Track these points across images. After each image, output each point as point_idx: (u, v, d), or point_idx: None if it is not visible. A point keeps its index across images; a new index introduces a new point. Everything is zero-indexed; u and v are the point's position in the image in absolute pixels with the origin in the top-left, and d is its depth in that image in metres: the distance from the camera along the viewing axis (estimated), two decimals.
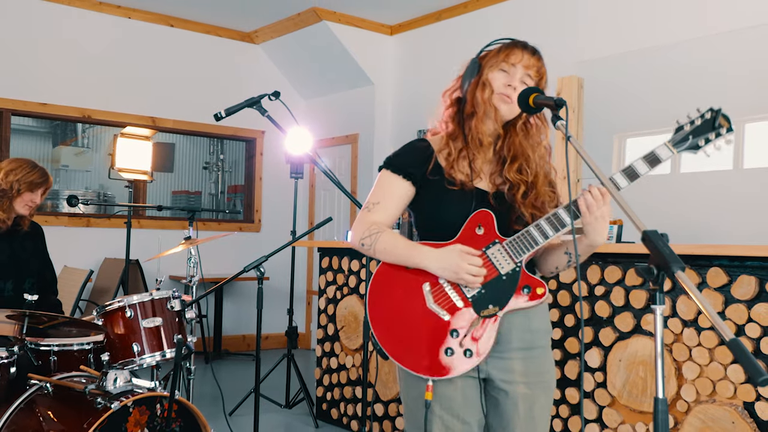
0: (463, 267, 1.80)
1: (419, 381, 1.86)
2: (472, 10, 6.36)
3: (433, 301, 1.85)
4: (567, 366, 3.41)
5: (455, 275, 1.81)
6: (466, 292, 1.85)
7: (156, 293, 3.16)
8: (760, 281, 2.78)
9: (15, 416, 2.76)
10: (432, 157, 1.93)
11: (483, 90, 1.89)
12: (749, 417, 2.77)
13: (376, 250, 1.89)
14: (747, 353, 1.15)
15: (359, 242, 1.92)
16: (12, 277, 3.54)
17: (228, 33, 7.53)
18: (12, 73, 6.38)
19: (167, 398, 2.80)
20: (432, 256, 1.84)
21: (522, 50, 1.90)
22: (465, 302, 1.85)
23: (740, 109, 4.69)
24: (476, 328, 1.84)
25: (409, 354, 1.86)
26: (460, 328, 1.84)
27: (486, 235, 1.86)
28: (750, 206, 4.33)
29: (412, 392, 1.92)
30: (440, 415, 1.86)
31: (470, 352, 1.83)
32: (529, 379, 1.90)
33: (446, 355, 1.83)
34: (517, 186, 1.91)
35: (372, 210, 1.94)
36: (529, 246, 1.82)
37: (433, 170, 1.91)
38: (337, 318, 4.59)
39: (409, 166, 1.93)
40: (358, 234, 1.92)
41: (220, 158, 8.52)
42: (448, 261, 1.81)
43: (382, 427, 4.26)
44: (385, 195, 1.95)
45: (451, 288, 1.85)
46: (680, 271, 1.28)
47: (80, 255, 6.44)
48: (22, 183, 3.47)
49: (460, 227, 1.87)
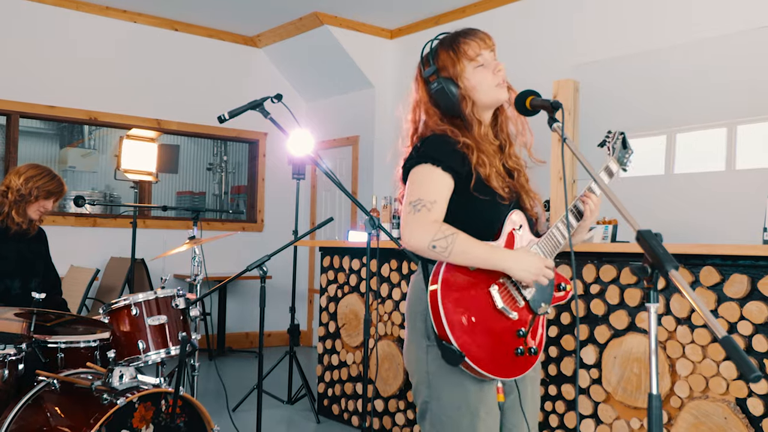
0: (543, 270, 1.82)
1: (474, 386, 1.82)
2: (470, 15, 6.36)
3: (502, 302, 1.83)
4: (563, 363, 3.41)
5: (536, 277, 1.82)
6: (525, 292, 1.87)
7: (161, 292, 3.16)
8: (752, 280, 2.78)
9: (23, 412, 2.76)
10: (467, 156, 1.87)
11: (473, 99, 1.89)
12: (741, 412, 2.77)
13: (453, 252, 1.77)
14: (739, 350, 1.15)
15: (430, 244, 1.77)
16: (19, 276, 3.56)
17: (231, 37, 7.53)
18: (20, 76, 6.39)
19: (172, 394, 2.80)
20: (513, 259, 1.81)
21: (471, 39, 1.91)
22: (524, 302, 1.87)
23: (732, 111, 4.69)
24: (533, 326, 1.88)
25: (486, 358, 1.79)
26: (525, 327, 1.86)
27: (525, 235, 1.91)
28: (742, 206, 4.32)
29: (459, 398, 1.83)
30: (484, 419, 1.84)
31: (534, 349, 1.86)
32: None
33: (516, 355, 1.83)
34: (518, 171, 1.96)
35: (432, 210, 1.81)
36: (556, 246, 1.90)
37: (473, 173, 1.86)
38: (338, 316, 4.59)
39: (453, 163, 1.85)
40: (427, 235, 1.78)
41: (223, 159, 8.52)
42: (528, 263, 1.81)
43: (382, 423, 4.26)
44: (439, 193, 1.83)
45: (514, 289, 1.86)
46: (674, 270, 1.28)
47: (87, 254, 6.44)
48: (41, 190, 3.50)
49: (492, 226, 1.87)
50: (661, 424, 1.31)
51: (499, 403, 1.85)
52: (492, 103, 1.92)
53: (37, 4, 6.44)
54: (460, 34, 1.92)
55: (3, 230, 3.51)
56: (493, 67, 1.90)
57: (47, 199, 3.54)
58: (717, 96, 4.70)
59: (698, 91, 4.79)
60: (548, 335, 3.45)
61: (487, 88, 1.89)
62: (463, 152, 1.87)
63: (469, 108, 1.89)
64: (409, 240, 1.81)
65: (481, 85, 1.88)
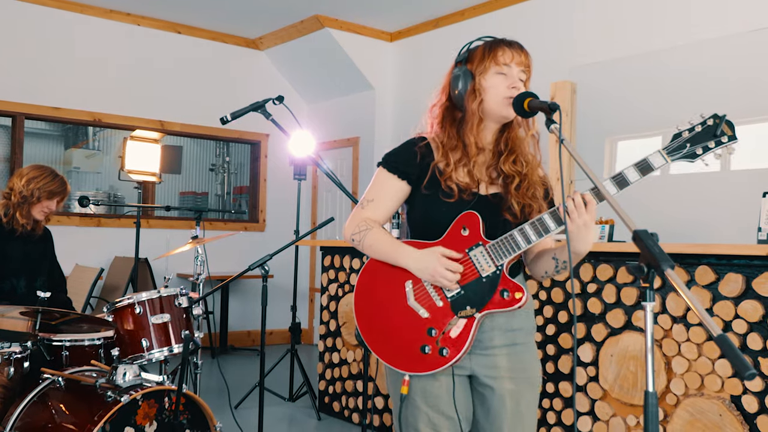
0: (438, 270, 1.77)
1: (399, 375, 1.86)
2: (469, 18, 6.36)
3: (414, 298, 1.83)
4: (560, 361, 3.41)
5: (431, 277, 1.79)
6: (446, 292, 1.82)
7: (164, 290, 3.16)
8: (747, 279, 2.78)
9: (29, 409, 2.76)
10: (430, 158, 1.88)
11: (481, 98, 1.85)
12: (736, 410, 2.77)
13: (363, 246, 1.89)
14: (734, 348, 1.15)
15: (350, 237, 1.92)
16: (24, 276, 3.55)
17: (233, 39, 7.52)
18: (25, 78, 6.39)
19: (175, 392, 2.80)
20: (412, 257, 1.82)
21: (510, 48, 1.86)
22: (444, 302, 1.82)
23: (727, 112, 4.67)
24: (453, 327, 1.80)
25: (388, 348, 1.85)
26: (438, 327, 1.81)
27: (470, 236, 1.82)
28: (737, 207, 4.32)
29: (394, 387, 1.91)
30: (426, 411, 1.84)
31: (446, 350, 1.79)
32: (514, 374, 1.87)
33: (422, 352, 1.81)
34: (512, 177, 1.88)
35: (366, 207, 1.93)
36: (512, 250, 1.78)
37: (430, 172, 1.86)
38: (339, 314, 4.59)
39: (405, 166, 1.90)
40: (350, 229, 1.92)
41: (226, 160, 8.51)
42: (426, 263, 1.79)
43: (382, 420, 4.26)
44: (379, 193, 1.93)
45: (432, 287, 1.83)
46: (670, 269, 1.28)
47: (91, 254, 6.44)
48: (43, 191, 3.48)
49: (443, 226, 1.84)
50: (657, 421, 1.31)
51: (402, 395, 1.84)
52: (495, 113, 1.87)
53: (42, 8, 6.44)
54: (503, 42, 1.88)
55: (9, 231, 3.51)
56: (511, 82, 1.84)
57: (50, 199, 3.53)
58: (712, 97, 4.70)
59: (693, 93, 4.79)
60: (546, 333, 3.45)
61: (496, 96, 1.84)
62: (423, 152, 1.89)
63: (476, 103, 1.85)
64: (343, 231, 1.97)
65: (494, 89, 1.84)
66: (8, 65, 6.30)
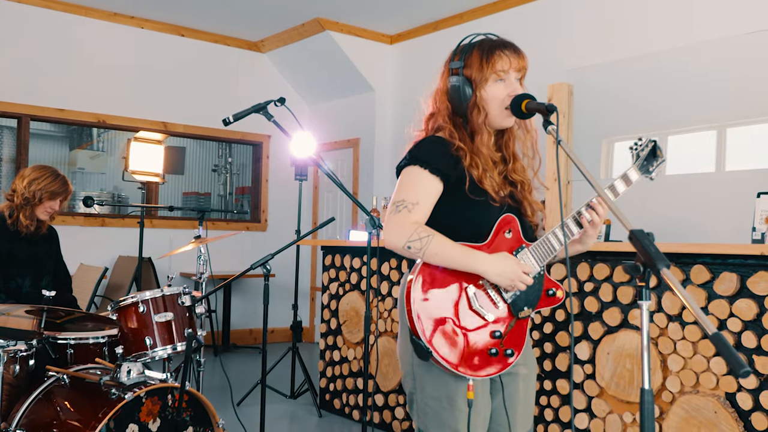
0: (519, 275, 1.78)
1: (453, 380, 1.80)
2: (467, 21, 6.36)
3: (477, 303, 1.80)
4: (558, 358, 3.41)
5: (511, 282, 1.78)
6: (505, 295, 1.83)
7: (167, 289, 3.16)
8: (741, 278, 2.78)
9: (34, 406, 2.76)
10: (460, 159, 1.85)
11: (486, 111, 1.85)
12: (731, 407, 2.77)
13: (427, 253, 1.75)
14: (729, 346, 1.15)
15: (405, 244, 1.76)
16: (30, 275, 3.55)
17: (236, 42, 7.52)
18: (31, 80, 6.39)
19: (178, 389, 2.80)
20: (489, 262, 1.77)
21: (506, 54, 1.84)
22: (504, 304, 1.83)
23: (722, 114, 4.69)
24: (513, 328, 1.84)
25: (456, 355, 1.77)
26: (502, 330, 1.82)
27: (514, 239, 1.84)
28: (731, 207, 4.32)
29: (440, 391, 1.82)
30: (465, 411, 1.83)
31: (511, 351, 1.82)
32: (526, 361, 1.95)
33: (490, 355, 1.80)
34: (521, 184, 1.93)
35: (413, 211, 1.79)
36: (550, 252, 1.85)
37: (466, 175, 1.83)
38: (340, 313, 4.59)
39: (447, 168, 1.83)
40: (403, 236, 1.77)
41: (228, 161, 8.52)
42: (506, 268, 1.77)
43: (382, 417, 4.26)
44: (423, 195, 1.82)
45: (493, 291, 1.82)
46: (665, 268, 1.28)
47: (95, 253, 6.44)
48: (44, 192, 3.46)
49: (483, 229, 1.82)
50: (653, 418, 1.31)
51: (469, 400, 1.79)
52: (497, 124, 1.88)
53: (47, 11, 6.44)
54: (500, 45, 1.85)
55: (14, 232, 3.50)
56: (511, 89, 1.84)
57: (53, 200, 3.50)
58: (707, 99, 4.70)
59: (688, 95, 4.79)
60: (543, 331, 3.45)
61: (498, 108, 1.85)
62: (456, 155, 1.84)
63: (481, 118, 1.85)
64: (387, 239, 1.81)
65: (495, 100, 1.84)
66: (14, 67, 6.30)
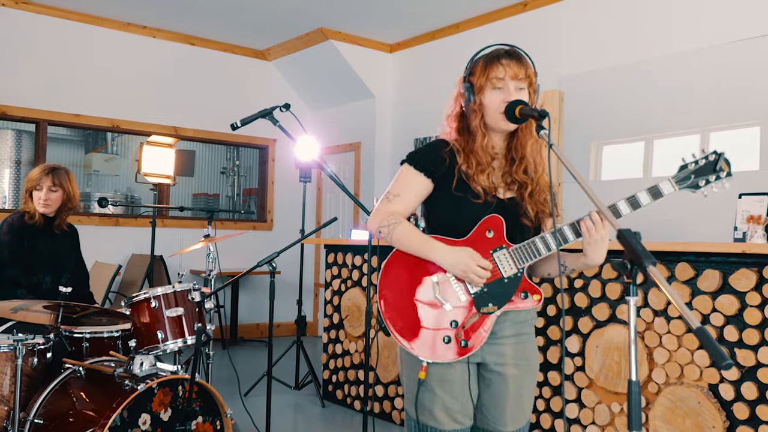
0: (471, 267, 1.78)
1: (417, 362, 1.84)
2: (463, 30, 6.36)
3: (439, 291, 1.82)
4: (549, 351, 3.41)
5: (463, 273, 1.79)
6: (470, 288, 1.82)
7: (178, 286, 3.16)
8: (724, 275, 2.78)
9: (51, 396, 2.76)
10: (454, 161, 1.87)
11: (481, 114, 1.86)
12: (713, 397, 2.77)
13: (392, 238, 1.85)
14: (712, 340, 1.15)
15: (377, 229, 1.87)
16: (50, 271, 3.54)
17: (243, 51, 7.52)
18: (49, 87, 6.39)
19: (188, 380, 2.80)
20: (444, 252, 1.80)
21: (501, 64, 1.84)
22: (467, 297, 1.82)
23: (705, 119, 4.69)
24: (474, 321, 1.82)
25: (410, 335, 1.82)
26: (460, 320, 1.82)
27: (495, 239, 1.83)
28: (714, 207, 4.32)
29: (411, 372, 1.89)
30: (441, 396, 1.84)
31: (465, 342, 1.81)
32: (518, 361, 1.90)
33: (443, 342, 1.81)
34: (525, 185, 1.89)
35: (392, 201, 1.89)
36: (532, 255, 1.81)
37: (455, 173, 1.85)
38: (342, 308, 4.59)
39: (430, 164, 1.87)
40: (377, 221, 1.87)
41: (236, 164, 8.52)
42: (459, 259, 1.78)
43: (382, 407, 4.26)
44: (405, 188, 1.89)
45: (457, 282, 1.83)
46: (651, 265, 1.28)
47: (110, 251, 6.44)
48: (30, 183, 3.51)
49: (465, 226, 1.83)
50: (640, 408, 1.31)
51: (420, 379, 1.82)
52: (496, 127, 1.88)
53: (65, 21, 6.44)
54: (499, 56, 1.86)
55: (35, 229, 3.50)
56: (506, 97, 1.83)
57: (38, 189, 3.48)
58: (691, 105, 4.70)
59: (673, 101, 4.79)
60: (536, 326, 3.45)
61: (493, 113, 1.85)
62: (449, 154, 1.87)
63: (476, 121, 1.86)
64: (368, 224, 1.92)
65: (492, 105, 1.85)
66: (32, 75, 6.30)
